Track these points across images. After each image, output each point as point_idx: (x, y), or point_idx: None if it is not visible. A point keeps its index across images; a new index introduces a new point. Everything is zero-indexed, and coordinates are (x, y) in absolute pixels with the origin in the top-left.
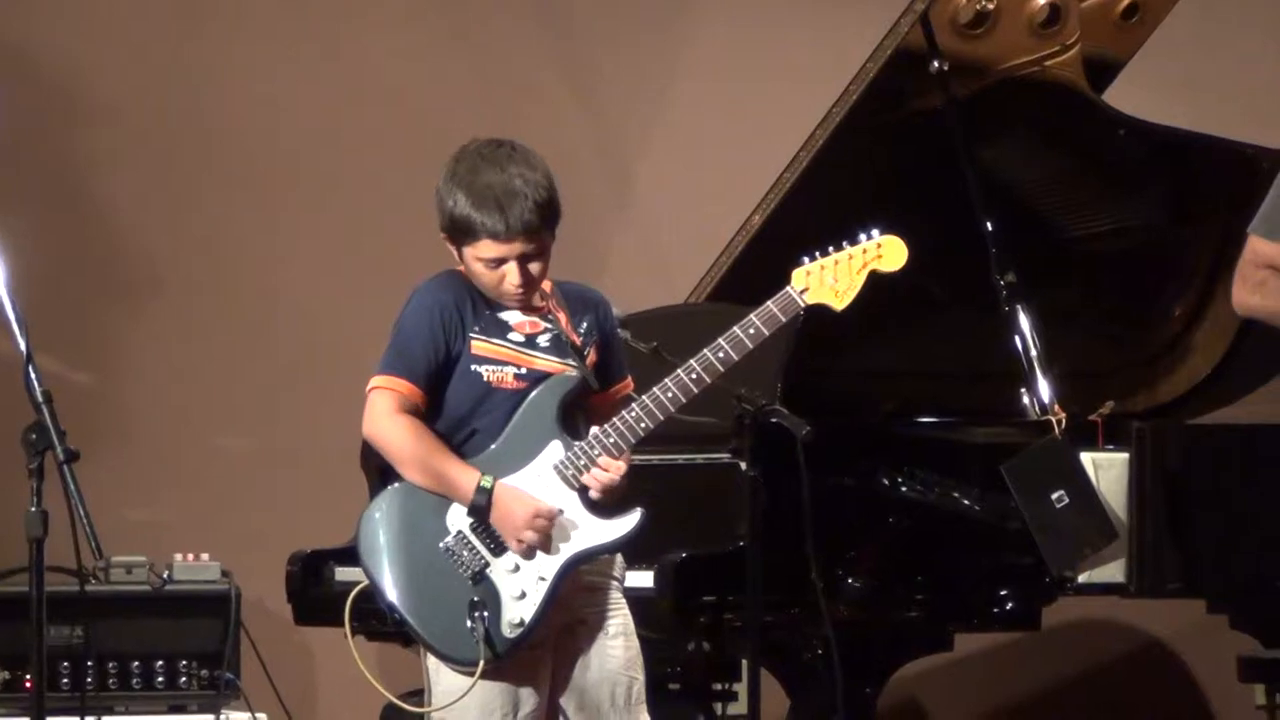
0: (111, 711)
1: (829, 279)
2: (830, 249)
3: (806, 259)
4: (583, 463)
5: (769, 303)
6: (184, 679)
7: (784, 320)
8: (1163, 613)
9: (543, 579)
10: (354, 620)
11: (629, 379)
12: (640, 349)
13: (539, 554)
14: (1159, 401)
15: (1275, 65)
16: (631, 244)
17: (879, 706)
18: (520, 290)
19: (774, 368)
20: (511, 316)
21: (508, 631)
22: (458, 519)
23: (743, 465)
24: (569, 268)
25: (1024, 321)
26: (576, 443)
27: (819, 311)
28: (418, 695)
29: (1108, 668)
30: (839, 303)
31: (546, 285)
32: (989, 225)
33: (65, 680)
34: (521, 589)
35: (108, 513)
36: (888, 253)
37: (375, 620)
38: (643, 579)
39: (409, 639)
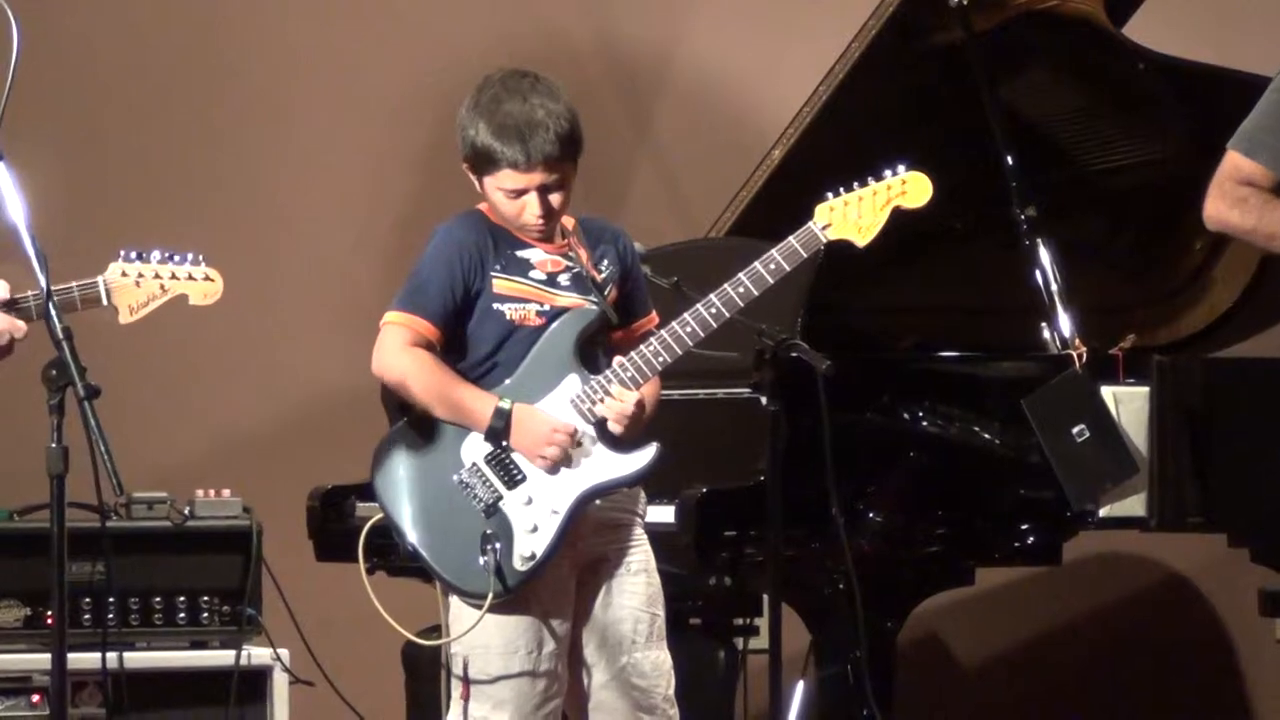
0: (133, 647)
1: (852, 214)
2: (855, 184)
3: (830, 194)
4: (599, 396)
5: (790, 238)
6: (205, 615)
7: (805, 256)
8: (1184, 547)
9: (555, 512)
10: (374, 556)
11: (653, 314)
12: (661, 284)
13: (552, 487)
14: (1180, 335)
15: None
16: (651, 180)
17: (900, 641)
18: (541, 221)
19: (795, 302)
20: (533, 255)
21: (519, 565)
22: (472, 451)
23: (764, 400)
24: (589, 204)
25: (1045, 256)
26: (594, 377)
27: (840, 246)
28: (438, 630)
29: (1128, 602)
30: (862, 238)
31: (569, 222)
32: (1010, 159)
33: (86, 616)
34: (534, 522)
35: (128, 449)
36: (912, 189)
37: (396, 556)
38: (663, 514)
39: (428, 574)
